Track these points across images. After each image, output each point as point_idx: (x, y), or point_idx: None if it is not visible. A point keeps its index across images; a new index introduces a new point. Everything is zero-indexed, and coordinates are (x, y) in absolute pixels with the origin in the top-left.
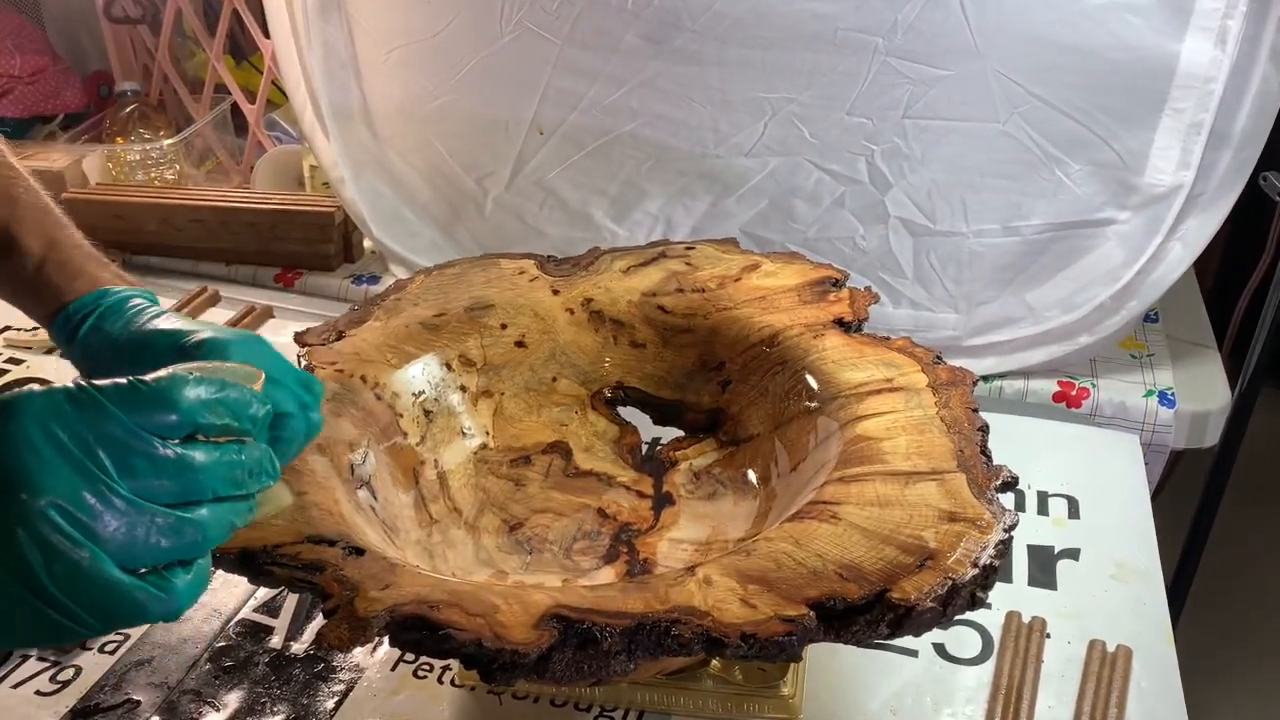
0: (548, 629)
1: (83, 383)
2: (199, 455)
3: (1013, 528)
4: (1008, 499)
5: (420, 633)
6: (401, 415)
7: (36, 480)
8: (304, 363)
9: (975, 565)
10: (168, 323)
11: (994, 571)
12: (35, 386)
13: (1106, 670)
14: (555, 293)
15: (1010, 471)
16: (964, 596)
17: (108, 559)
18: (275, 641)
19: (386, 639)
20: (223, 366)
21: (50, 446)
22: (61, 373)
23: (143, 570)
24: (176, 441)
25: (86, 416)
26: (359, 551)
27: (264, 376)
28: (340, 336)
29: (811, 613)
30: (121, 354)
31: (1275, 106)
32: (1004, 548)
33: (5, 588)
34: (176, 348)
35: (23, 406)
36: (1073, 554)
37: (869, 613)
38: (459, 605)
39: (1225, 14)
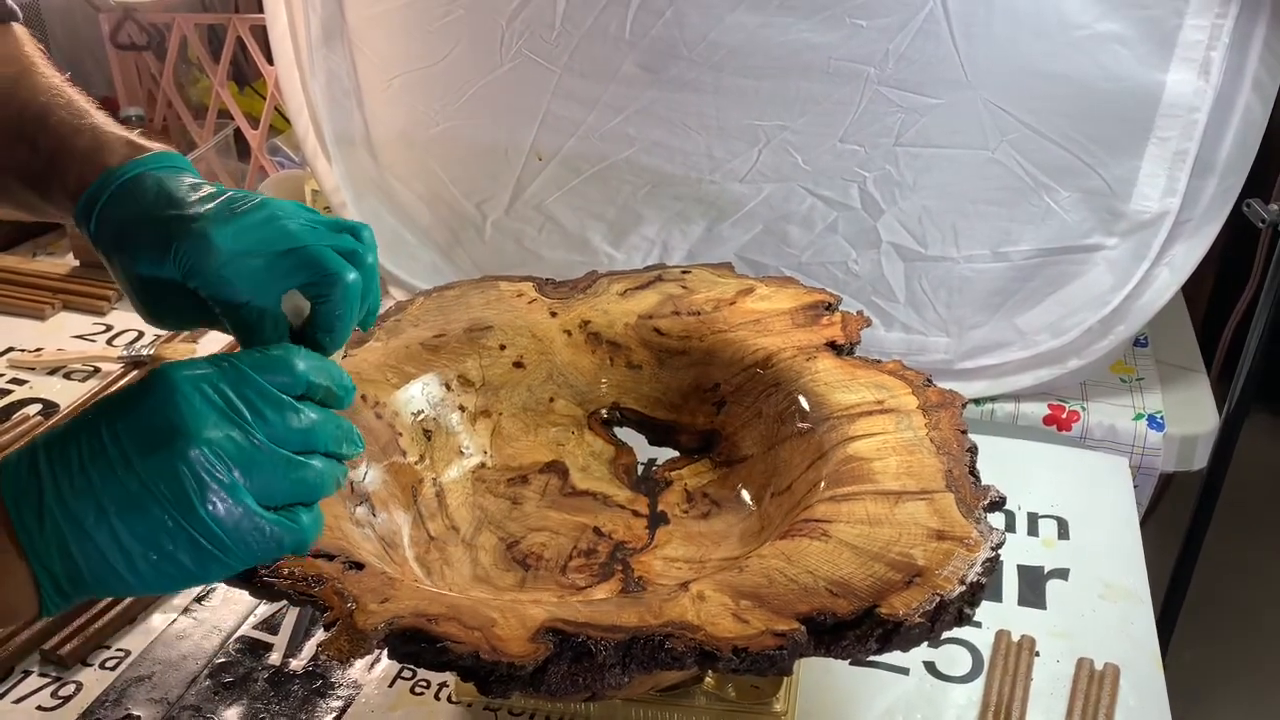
0: (544, 642)
1: (220, 353)
2: (313, 413)
3: (1000, 546)
4: (996, 518)
5: (418, 645)
6: (401, 434)
7: (192, 426)
8: None
9: (963, 582)
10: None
11: (981, 589)
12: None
13: (1095, 688)
14: (553, 315)
15: (998, 491)
16: (951, 613)
17: (250, 494)
18: (274, 658)
19: (385, 652)
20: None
21: (200, 398)
22: (65, 393)
23: (275, 508)
24: (294, 399)
25: (227, 375)
26: (358, 566)
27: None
28: (342, 356)
29: (802, 627)
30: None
31: (1258, 135)
32: (991, 566)
33: (167, 523)
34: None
35: (175, 371)
36: (1062, 574)
37: (858, 628)
38: (456, 618)
39: (1209, 45)
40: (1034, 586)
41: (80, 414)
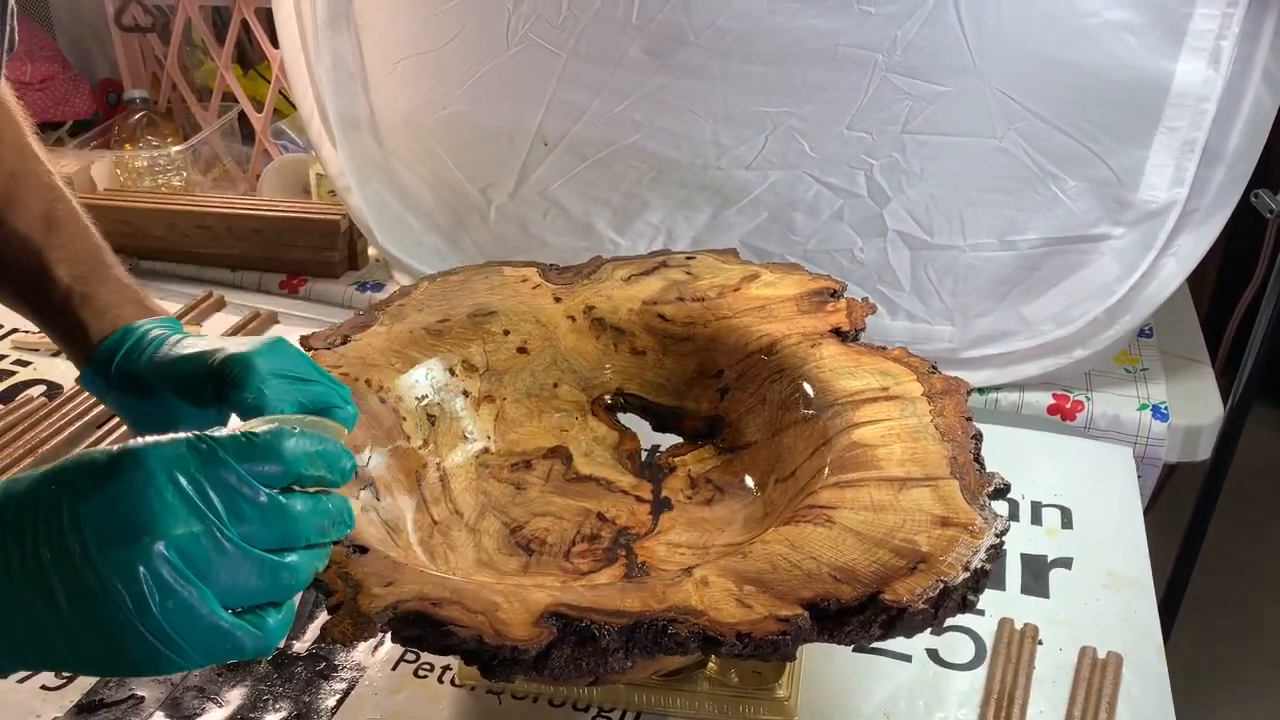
0: (547, 626)
1: (201, 433)
2: (298, 505)
3: (1004, 533)
4: (1000, 506)
5: (422, 629)
6: (405, 419)
7: (160, 523)
8: None
9: (967, 569)
10: (191, 346)
11: (985, 575)
12: (157, 439)
13: (1097, 677)
14: (557, 300)
15: (1002, 478)
16: (955, 599)
17: (214, 598)
18: None
19: (389, 635)
20: (315, 420)
21: (173, 491)
22: (69, 375)
23: (240, 609)
24: (278, 491)
25: (206, 466)
26: (362, 550)
27: (347, 432)
28: (345, 341)
29: (806, 613)
30: (148, 386)
31: (1267, 125)
32: (995, 552)
33: (120, 620)
34: (202, 371)
35: (150, 455)
36: (1065, 563)
37: (862, 614)
38: (460, 602)
39: (1219, 35)
40: (1037, 575)
41: (43, 477)
